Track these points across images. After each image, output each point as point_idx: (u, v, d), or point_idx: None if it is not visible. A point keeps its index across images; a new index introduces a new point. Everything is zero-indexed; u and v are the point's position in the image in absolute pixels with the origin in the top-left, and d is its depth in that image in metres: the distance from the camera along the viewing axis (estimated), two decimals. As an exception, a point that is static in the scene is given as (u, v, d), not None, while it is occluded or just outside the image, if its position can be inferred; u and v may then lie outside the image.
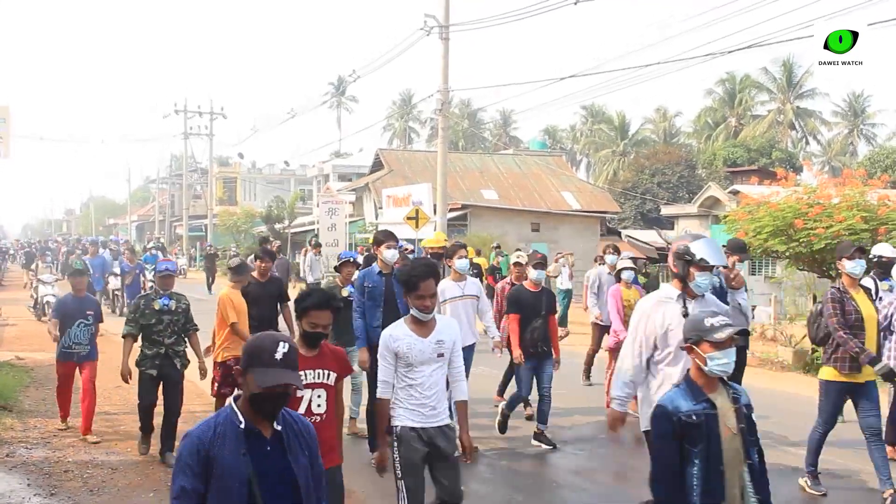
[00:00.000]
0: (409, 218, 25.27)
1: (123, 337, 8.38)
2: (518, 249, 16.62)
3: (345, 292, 8.94)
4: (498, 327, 9.89)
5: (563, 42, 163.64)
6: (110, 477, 7.80)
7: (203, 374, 8.67)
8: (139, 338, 8.44)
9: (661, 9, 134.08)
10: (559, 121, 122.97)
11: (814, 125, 62.89)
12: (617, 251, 12.60)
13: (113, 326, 15.50)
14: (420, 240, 26.66)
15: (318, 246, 25.73)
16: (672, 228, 37.56)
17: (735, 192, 29.21)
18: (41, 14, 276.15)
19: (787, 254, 14.49)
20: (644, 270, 13.59)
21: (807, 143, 64.12)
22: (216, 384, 8.96)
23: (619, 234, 41.19)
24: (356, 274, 9.10)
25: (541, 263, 9.18)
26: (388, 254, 8.45)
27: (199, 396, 11.21)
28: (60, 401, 9.80)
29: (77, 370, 9.49)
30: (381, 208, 36.50)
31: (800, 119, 62.08)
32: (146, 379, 8.38)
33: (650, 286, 14.18)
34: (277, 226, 44.28)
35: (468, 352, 8.62)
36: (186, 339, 8.64)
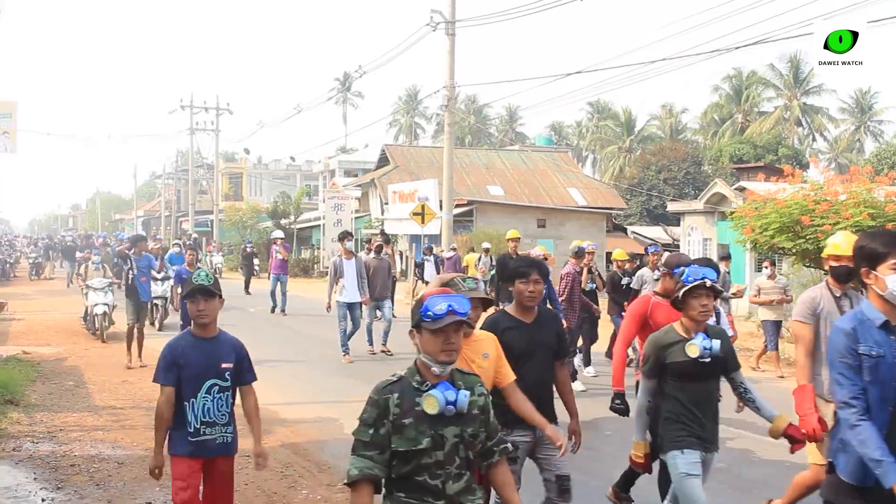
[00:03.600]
0: (414, 214, 25.33)
1: (351, 485, 3.64)
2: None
3: (694, 350, 5.17)
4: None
5: (569, 38, 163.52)
6: (117, 471, 7.82)
7: None
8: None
9: (667, 5, 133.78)
10: (565, 117, 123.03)
11: (820, 122, 62.78)
12: None
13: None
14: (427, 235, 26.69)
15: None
16: (678, 225, 37.49)
17: (741, 189, 29.10)
18: (48, 10, 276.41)
19: (794, 251, 14.45)
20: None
21: (813, 139, 64.03)
22: None
23: (624, 230, 41.18)
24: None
25: None
26: None
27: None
28: None
29: (201, 469, 5.24)
30: (386, 204, 36.55)
31: (806, 115, 61.96)
32: None
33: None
34: (283, 221, 44.35)
35: None
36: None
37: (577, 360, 13.20)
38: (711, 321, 5.57)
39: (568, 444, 5.35)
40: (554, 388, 5.63)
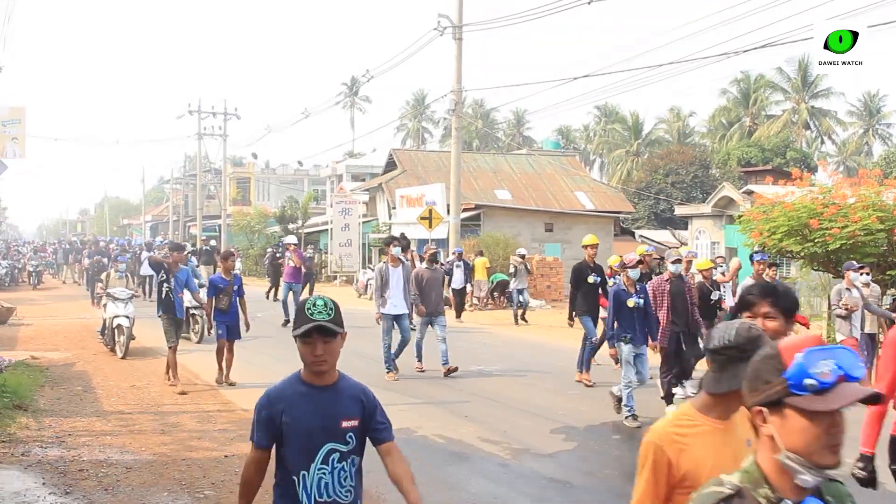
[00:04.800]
0: (422, 218, 25.36)
1: None
2: None
3: None
4: None
5: (576, 42, 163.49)
6: (125, 476, 7.82)
7: None
8: None
9: (674, 8, 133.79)
10: (573, 121, 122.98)
11: (828, 125, 62.66)
12: None
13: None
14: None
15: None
16: (686, 228, 37.47)
17: (749, 193, 29.12)
18: (56, 15, 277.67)
19: (802, 254, 14.44)
20: (657, 271, 13.22)
21: (822, 142, 63.91)
22: None
23: (632, 234, 41.13)
24: None
25: None
26: None
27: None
28: None
29: None
30: (394, 208, 36.58)
31: (814, 119, 61.84)
32: None
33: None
34: (291, 226, 44.40)
35: None
36: None
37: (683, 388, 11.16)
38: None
39: None
40: None
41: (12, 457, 8.35)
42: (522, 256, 22.66)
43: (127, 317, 15.24)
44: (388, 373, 13.02)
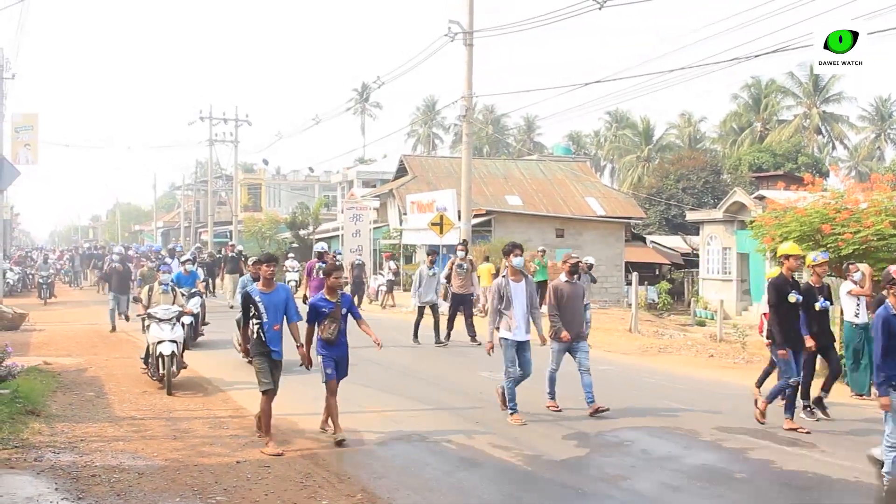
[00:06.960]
0: (433, 224, 25.39)
1: None
2: None
3: None
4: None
5: (587, 47, 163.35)
6: (137, 481, 7.83)
7: None
8: None
9: (686, 14, 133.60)
10: (583, 126, 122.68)
11: (840, 130, 62.51)
12: None
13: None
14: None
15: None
16: (697, 234, 37.36)
17: (761, 198, 29.05)
18: (68, 22, 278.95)
19: (815, 259, 14.36)
20: (669, 276, 12.97)
21: (833, 147, 63.75)
22: None
23: (643, 240, 41.05)
24: None
25: None
26: None
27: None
28: None
29: None
30: (405, 214, 36.61)
31: (826, 123, 61.70)
32: None
33: (675, 292, 13.94)
34: (302, 232, 44.46)
35: None
36: None
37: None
38: None
39: None
40: None
41: (25, 462, 8.37)
42: (591, 266, 18.50)
43: (173, 341, 12.60)
44: (511, 415, 10.49)
